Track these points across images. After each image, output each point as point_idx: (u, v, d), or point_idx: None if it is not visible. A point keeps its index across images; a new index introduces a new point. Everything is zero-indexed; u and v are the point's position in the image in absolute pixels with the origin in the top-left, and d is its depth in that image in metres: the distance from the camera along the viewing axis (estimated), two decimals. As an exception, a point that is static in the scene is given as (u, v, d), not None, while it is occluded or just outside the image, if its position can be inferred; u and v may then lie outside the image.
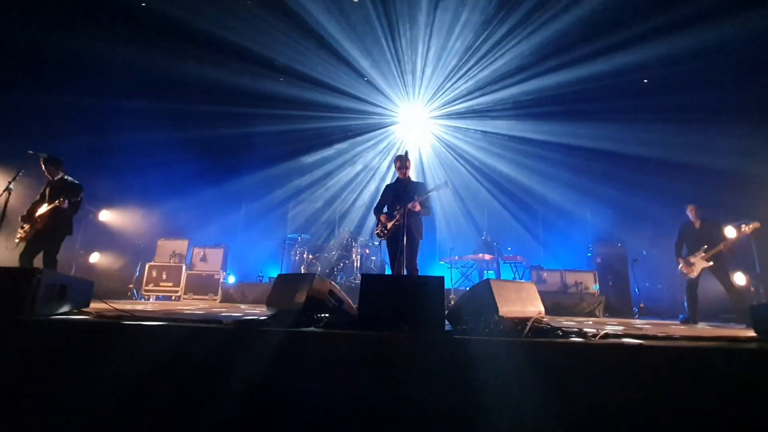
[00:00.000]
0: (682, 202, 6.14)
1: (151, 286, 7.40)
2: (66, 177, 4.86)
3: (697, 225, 5.76)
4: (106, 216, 8.24)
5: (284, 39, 7.52)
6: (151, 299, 7.32)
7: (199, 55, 7.51)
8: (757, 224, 5.27)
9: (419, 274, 4.50)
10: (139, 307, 4.69)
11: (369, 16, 7.22)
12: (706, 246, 5.52)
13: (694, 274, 5.63)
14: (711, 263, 5.48)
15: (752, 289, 6.67)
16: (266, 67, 8.15)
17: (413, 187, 4.58)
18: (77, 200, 4.70)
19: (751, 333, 2.25)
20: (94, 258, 8.03)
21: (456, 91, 8.81)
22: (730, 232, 5.48)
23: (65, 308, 2.77)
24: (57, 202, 4.49)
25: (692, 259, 5.64)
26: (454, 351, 1.97)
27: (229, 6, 6.92)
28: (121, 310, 3.05)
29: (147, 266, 7.53)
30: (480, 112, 9.07)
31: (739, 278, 6.37)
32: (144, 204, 8.48)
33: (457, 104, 9.05)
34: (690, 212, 5.86)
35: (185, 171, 8.59)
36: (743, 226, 5.37)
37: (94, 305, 3.30)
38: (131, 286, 7.61)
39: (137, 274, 7.71)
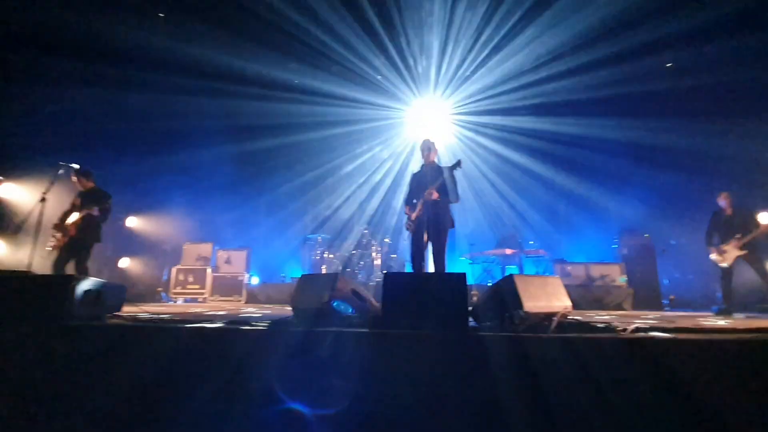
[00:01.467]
0: (711, 189, 5.93)
1: (178, 289, 7.62)
2: (95, 186, 5.06)
3: (729, 212, 5.55)
4: (133, 222, 8.54)
5: (299, 40, 7.59)
6: (179, 301, 7.54)
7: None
8: (792, 210, 5.04)
9: (446, 267, 4.24)
10: (169, 309, 4.84)
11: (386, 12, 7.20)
12: (739, 234, 5.32)
13: (727, 263, 5.42)
14: (745, 251, 5.28)
15: (790, 277, 6.38)
16: (281, 71, 8.27)
17: (435, 172, 4.29)
18: (107, 207, 4.88)
19: (792, 324, 2.16)
20: (124, 263, 8.33)
21: (476, 85, 8.68)
22: (764, 218, 5.27)
23: (100, 313, 2.88)
24: (87, 210, 4.67)
25: (725, 248, 5.44)
26: (480, 348, 1.96)
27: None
28: (153, 314, 3.16)
29: (174, 270, 7.76)
30: (501, 106, 8.92)
31: (776, 267, 6.11)
32: (169, 210, 8.75)
33: (478, 98, 8.92)
34: (723, 200, 5.64)
35: (208, 177, 8.82)
36: (778, 211, 5.15)
37: (127, 308, 3.42)
38: (160, 289, 7.85)
39: (165, 277, 7.95)
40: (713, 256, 5.60)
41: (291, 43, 7.63)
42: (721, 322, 3.61)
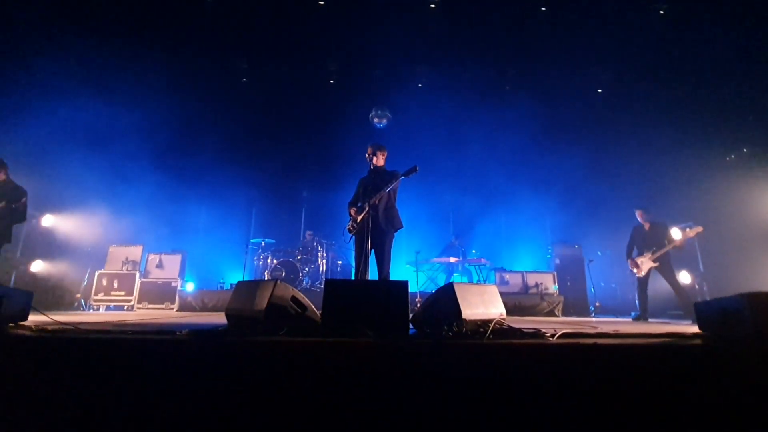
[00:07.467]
0: (633, 204, 6.50)
1: (101, 296, 6.95)
2: (8, 179, 4.48)
3: (647, 227, 6.11)
4: (50, 221, 7.65)
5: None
6: (101, 309, 6.87)
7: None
8: (699, 228, 5.65)
9: (389, 270, 4.29)
10: (86, 318, 4.38)
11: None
12: (654, 248, 5.86)
13: (642, 274, 5.96)
14: (657, 263, 5.82)
15: (697, 286, 7.15)
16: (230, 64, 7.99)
17: (383, 176, 4.32)
18: (18, 205, 4.34)
19: (696, 329, 2.39)
20: (37, 267, 7.43)
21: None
22: (676, 233, 5.85)
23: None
24: (-5, 206, 4.13)
25: (639, 260, 5.97)
26: (417, 355, 1.96)
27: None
28: (63, 323, 2.83)
29: (96, 274, 7.07)
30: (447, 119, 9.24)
31: (684, 277, 6.81)
32: (93, 208, 7.94)
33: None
34: (640, 216, 6.20)
35: (139, 171, 8.16)
36: (687, 229, 5.75)
37: (34, 318, 3.04)
38: (78, 296, 7.11)
39: (85, 282, 7.22)
40: (630, 267, 6.13)
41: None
42: (637, 327, 3.94)
